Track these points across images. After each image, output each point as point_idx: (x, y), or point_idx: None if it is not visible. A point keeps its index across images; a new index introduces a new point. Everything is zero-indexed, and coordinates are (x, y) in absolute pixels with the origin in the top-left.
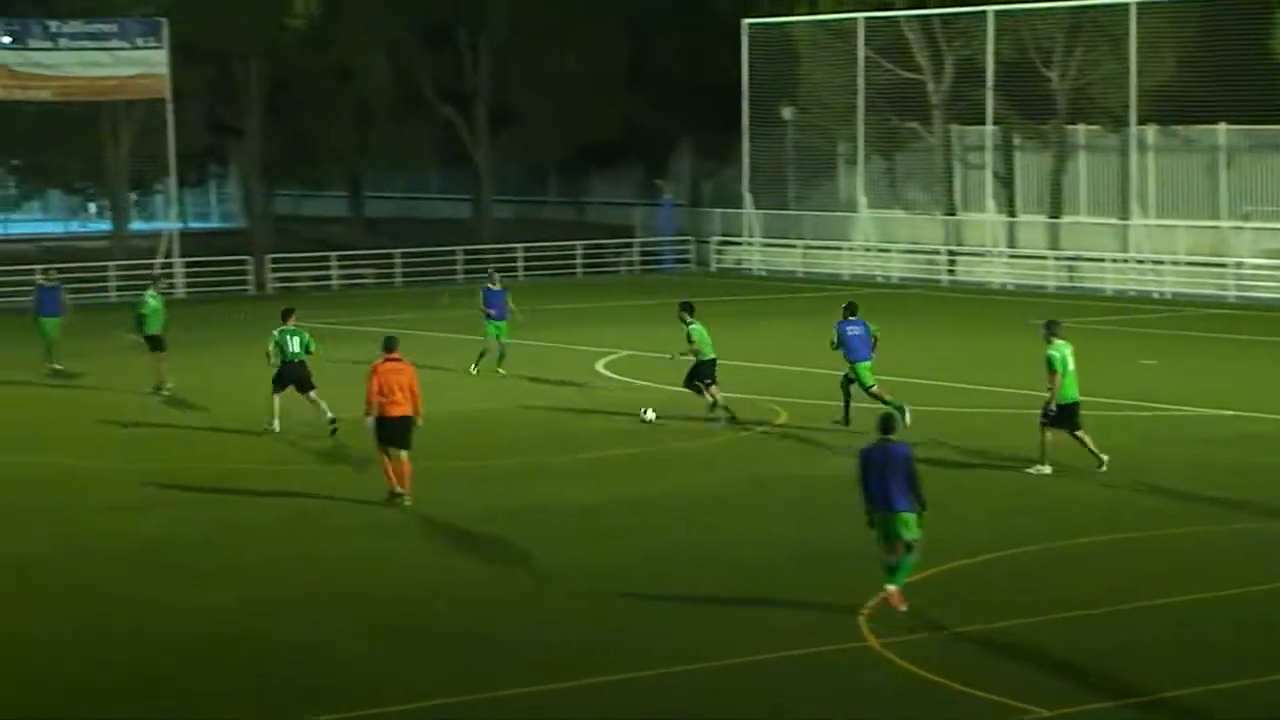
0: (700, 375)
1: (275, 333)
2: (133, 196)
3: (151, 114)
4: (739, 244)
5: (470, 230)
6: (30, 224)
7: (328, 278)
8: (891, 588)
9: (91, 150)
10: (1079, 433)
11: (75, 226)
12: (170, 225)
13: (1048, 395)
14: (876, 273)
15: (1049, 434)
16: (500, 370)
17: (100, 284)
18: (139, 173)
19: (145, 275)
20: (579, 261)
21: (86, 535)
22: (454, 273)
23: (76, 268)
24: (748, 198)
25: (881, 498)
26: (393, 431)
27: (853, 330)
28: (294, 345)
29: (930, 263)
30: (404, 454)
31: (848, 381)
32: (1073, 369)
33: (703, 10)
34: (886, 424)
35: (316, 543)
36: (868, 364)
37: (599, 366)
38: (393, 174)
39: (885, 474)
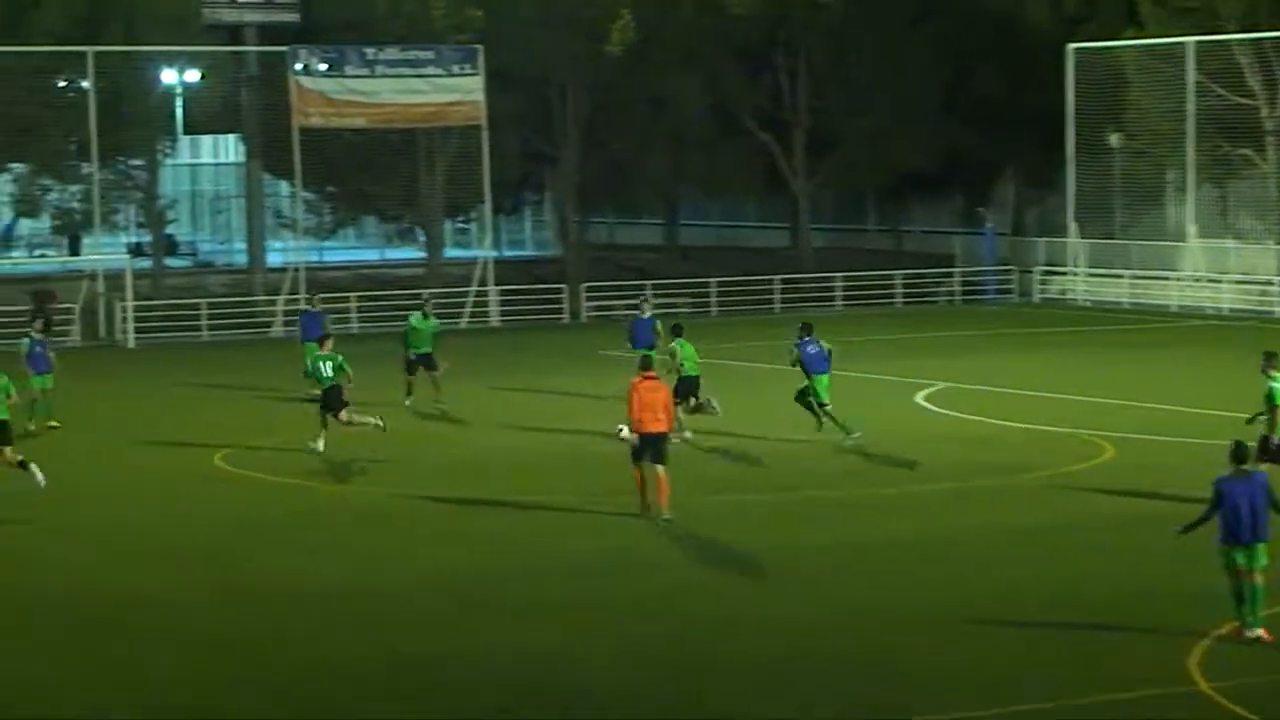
0: (689, 392)
1: (310, 359)
2: (448, 224)
3: (466, 141)
4: (1063, 274)
5: (787, 259)
6: (344, 252)
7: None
8: (1261, 630)
9: (406, 178)
10: None
11: (390, 254)
12: (484, 253)
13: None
14: (1206, 304)
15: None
16: None
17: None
18: (453, 200)
19: (459, 303)
20: (898, 291)
21: (392, 567)
22: (770, 303)
23: (391, 295)
24: (1073, 226)
25: (1250, 527)
26: (651, 446)
27: (810, 349)
28: (328, 370)
29: (1263, 294)
30: (661, 469)
31: (803, 395)
32: None
33: (1026, 34)
34: (1240, 453)
35: (635, 579)
36: (825, 378)
37: (919, 399)
38: (709, 201)
39: (1254, 503)
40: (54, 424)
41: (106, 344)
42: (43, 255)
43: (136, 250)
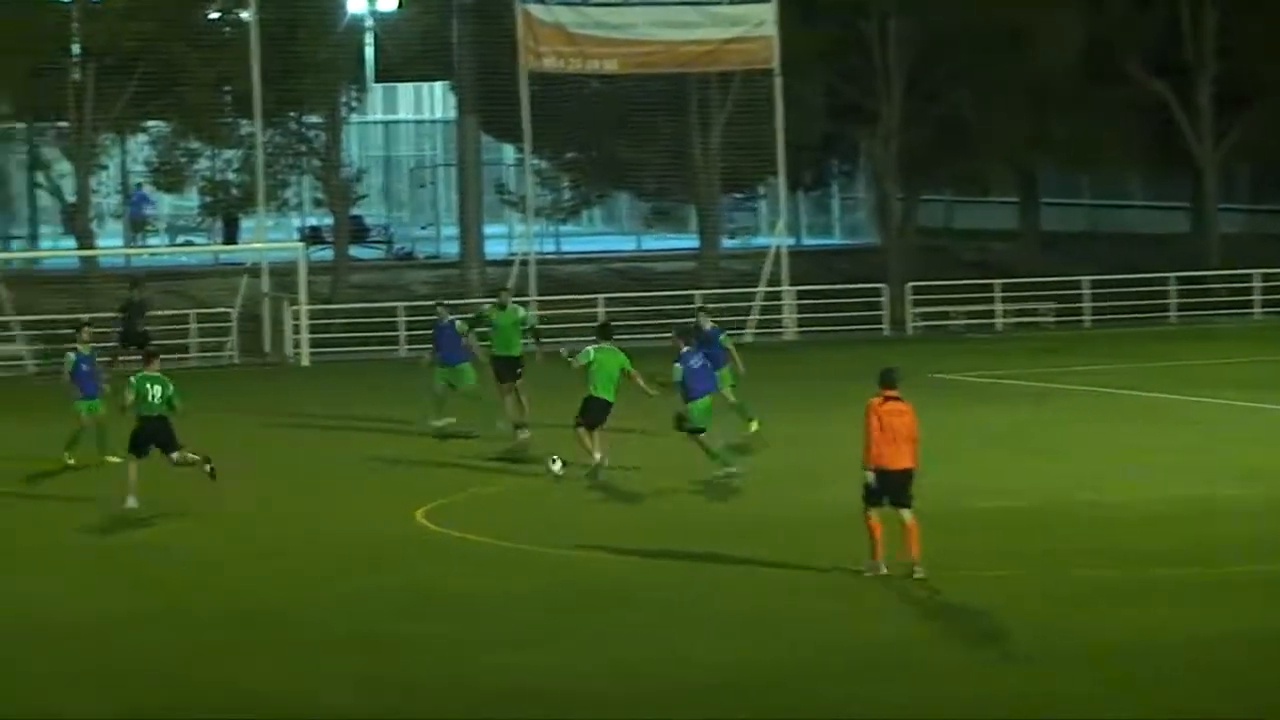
0: (583, 412)
1: (134, 379)
2: (728, 203)
3: (754, 91)
4: None
5: (1187, 251)
6: (587, 239)
7: (990, 314)
8: None
9: (672, 141)
10: None
11: (649, 243)
12: (777, 241)
13: None
14: None
15: None
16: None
17: (684, 318)
18: (735, 171)
19: (743, 307)
20: None
21: (658, 660)
22: (1164, 309)
23: (650, 298)
24: None
25: None
26: (893, 486)
27: (694, 363)
28: (154, 396)
29: None
30: (908, 514)
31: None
32: None
33: None
34: None
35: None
36: (707, 400)
37: None
38: (1079, 173)
39: None
40: (115, 458)
41: (272, 361)
42: (188, 243)
43: (313, 237)
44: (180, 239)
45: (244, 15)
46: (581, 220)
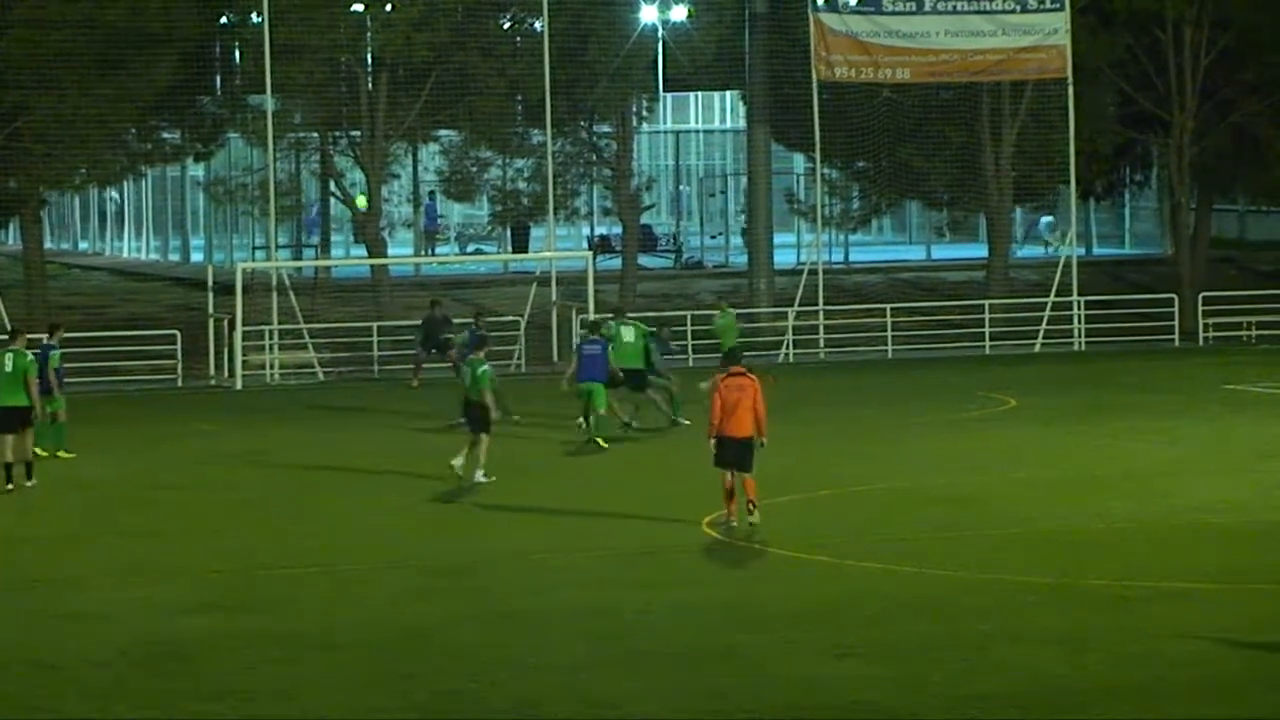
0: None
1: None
2: (1018, 213)
3: (1044, 100)
4: None
5: None
6: (875, 249)
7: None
8: None
9: (962, 150)
10: None
11: (939, 253)
12: (1067, 251)
13: None
14: None
15: None
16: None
17: (974, 329)
18: (1026, 180)
19: (1032, 319)
20: None
21: (939, 677)
22: None
23: (937, 308)
24: None
25: None
26: (732, 453)
27: (590, 350)
28: (7, 365)
29: None
30: (747, 477)
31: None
32: None
33: None
34: None
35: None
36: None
37: None
38: None
39: None
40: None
41: (560, 370)
42: (478, 251)
43: (602, 245)
44: (470, 248)
45: (536, 25)
46: (870, 229)
